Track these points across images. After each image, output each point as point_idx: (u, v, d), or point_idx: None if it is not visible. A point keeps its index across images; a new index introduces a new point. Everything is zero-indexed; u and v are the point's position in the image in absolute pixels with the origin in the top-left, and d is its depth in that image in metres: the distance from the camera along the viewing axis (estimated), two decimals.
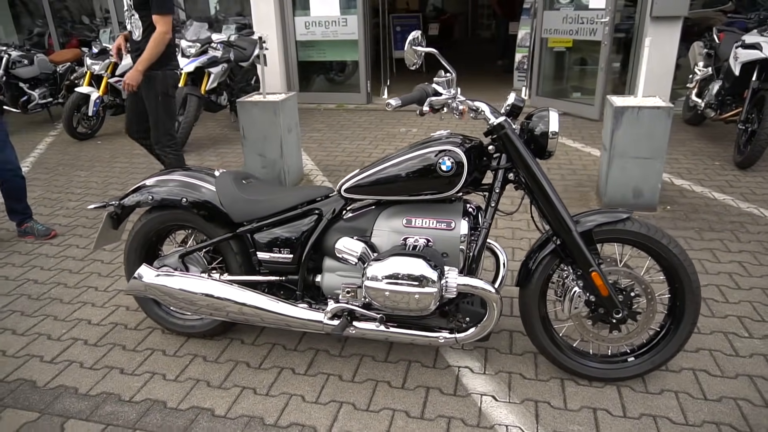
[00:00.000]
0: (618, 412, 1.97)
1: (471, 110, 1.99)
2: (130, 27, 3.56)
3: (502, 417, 1.97)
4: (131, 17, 3.52)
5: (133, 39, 3.55)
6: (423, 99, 1.85)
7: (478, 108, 1.97)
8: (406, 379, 2.18)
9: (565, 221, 1.94)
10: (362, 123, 6.36)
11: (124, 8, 3.57)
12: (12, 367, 2.32)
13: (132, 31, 3.54)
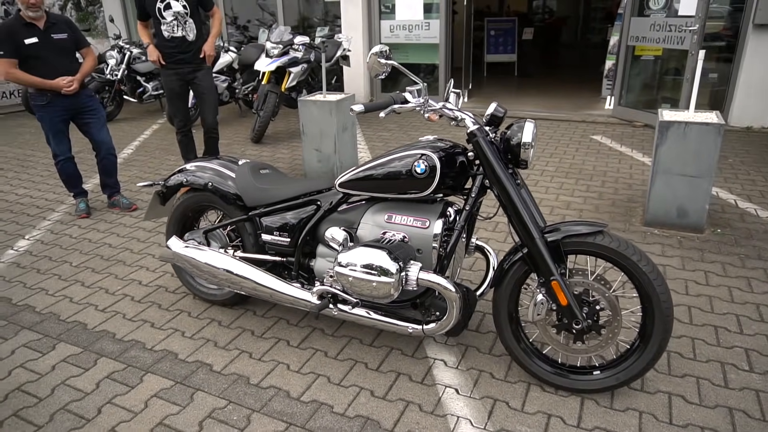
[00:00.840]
0: (572, 422, 2.00)
1: (451, 119, 2.12)
2: (181, 32, 4.26)
3: (456, 409, 2.08)
4: (185, 23, 4.22)
5: (188, 41, 4.29)
6: (387, 106, 2.02)
7: (457, 117, 2.09)
8: (383, 363, 2.36)
9: (529, 230, 2.01)
10: (433, 125, 6.52)
11: (169, 19, 4.22)
12: (73, 312, 2.83)
13: (185, 35, 4.28)
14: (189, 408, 2.12)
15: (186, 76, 4.40)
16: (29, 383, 2.29)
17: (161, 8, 4.20)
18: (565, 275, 2.02)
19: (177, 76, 4.38)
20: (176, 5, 4.21)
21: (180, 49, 4.30)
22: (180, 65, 4.35)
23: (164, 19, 4.23)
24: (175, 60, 4.33)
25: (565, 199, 4.09)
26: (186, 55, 4.33)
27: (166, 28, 4.25)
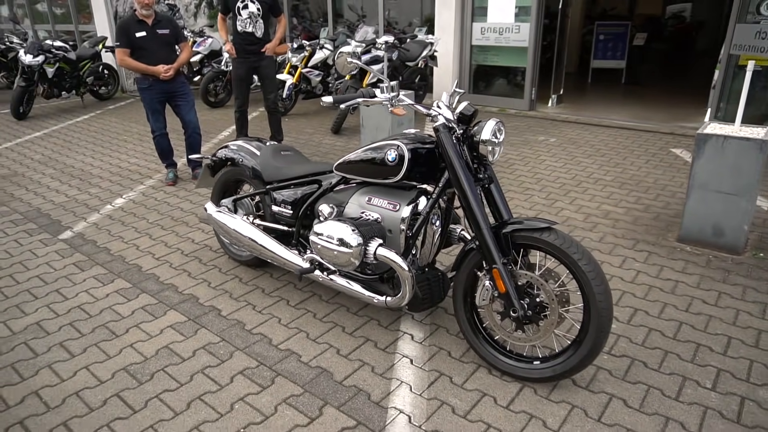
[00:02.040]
0: (502, 403, 2.14)
1: (427, 115, 2.33)
2: (251, 29, 4.97)
3: (403, 375, 2.31)
4: (256, 22, 4.95)
5: (256, 36, 5.02)
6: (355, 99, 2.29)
7: (430, 114, 2.30)
8: (358, 329, 2.64)
9: (477, 220, 2.16)
10: (509, 128, 6.52)
11: (244, 17, 4.93)
12: (135, 257, 3.46)
13: (255, 31, 5.00)
14: (191, 339, 2.58)
15: (252, 64, 5.15)
16: (87, 304, 2.91)
17: (240, 7, 4.90)
18: (508, 265, 2.15)
19: (245, 64, 5.12)
20: (252, 7, 4.87)
21: (249, 41, 5.04)
22: (248, 55, 5.09)
23: (241, 16, 4.94)
24: (244, 51, 5.07)
25: (606, 209, 4.01)
26: (253, 47, 5.06)
27: (241, 24, 4.96)
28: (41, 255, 3.50)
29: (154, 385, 2.28)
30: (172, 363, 2.42)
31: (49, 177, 5.09)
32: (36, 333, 2.66)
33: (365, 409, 2.12)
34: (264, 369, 2.37)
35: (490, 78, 7.96)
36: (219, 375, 2.33)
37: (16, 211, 4.26)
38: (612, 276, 3.07)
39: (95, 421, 2.09)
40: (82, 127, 7.13)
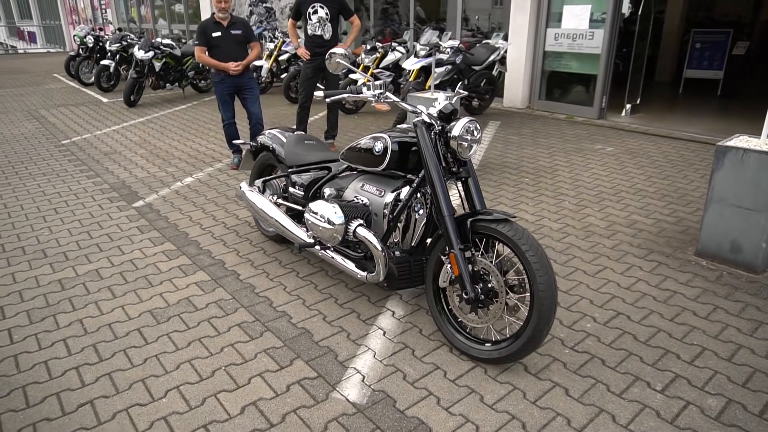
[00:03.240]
0: (451, 377, 2.33)
1: (413, 112, 2.57)
2: (320, 32, 5.38)
3: (372, 343, 2.57)
4: (324, 26, 5.34)
5: (324, 39, 5.41)
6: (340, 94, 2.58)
7: (416, 111, 2.54)
8: (349, 302, 2.94)
9: (441, 209, 2.37)
10: (569, 135, 6.48)
11: (314, 20, 5.35)
12: (187, 225, 4.01)
13: (323, 34, 5.40)
14: (208, 294, 3.03)
15: (320, 65, 5.51)
16: (137, 259, 3.48)
17: (310, 12, 5.33)
18: (465, 251, 2.33)
19: (312, 64, 5.54)
20: (321, 12, 5.29)
21: (317, 44, 5.45)
22: (316, 56, 5.48)
23: (311, 20, 5.37)
24: (313, 52, 5.50)
25: (634, 219, 3.96)
26: (321, 49, 5.38)
27: (310, 28, 5.41)
28: (114, 218, 4.17)
29: (167, 327, 2.73)
30: (187, 311, 2.87)
31: (139, 156, 5.90)
32: (93, 277, 3.25)
33: (328, 365, 2.42)
34: (258, 324, 2.74)
35: (561, 84, 7.86)
36: (220, 324, 2.75)
37: (107, 182, 5.04)
38: (608, 281, 3.10)
39: (116, 346, 2.57)
40: (178, 116, 8.06)
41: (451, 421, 2.08)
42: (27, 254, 3.56)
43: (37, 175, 5.27)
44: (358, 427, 2.06)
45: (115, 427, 2.07)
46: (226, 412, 2.15)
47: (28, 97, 10.10)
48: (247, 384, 2.31)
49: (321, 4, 5.37)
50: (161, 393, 2.26)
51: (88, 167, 5.51)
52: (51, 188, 4.87)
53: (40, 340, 2.63)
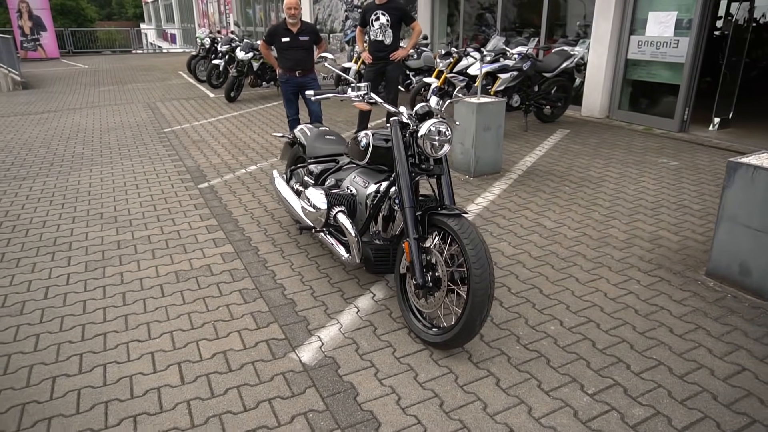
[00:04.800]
0: (398, 354, 2.55)
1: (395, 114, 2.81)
2: (381, 37, 5.72)
3: (343, 318, 2.85)
4: (385, 32, 5.66)
5: (385, 44, 5.74)
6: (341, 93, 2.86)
7: (398, 111, 2.78)
8: (340, 282, 3.24)
9: (402, 199, 2.58)
10: (636, 147, 6.21)
11: (376, 27, 5.67)
12: (234, 206, 4.56)
13: (383, 40, 5.73)
14: (227, 263, 3.49)
15: (380, 69, 5.88)
16: (183, 230, 4.06)
17: (373, 19, 5.71)
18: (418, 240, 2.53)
19: (373, 68, 5.90)
20: (383, 18, 5.66)
21: (378, 48, 5.85)
22: (377, 60, 5.88)
23: (373, 27, 5.74)
24: (374, 56, 5.89)
25: (660, 234, 3.82)
26: (381, 53, 5.84)
27: (372, 33, 5.79)
28: (179, 195, 4.84)
29: (183, 285, 3.23)
30: (203, 275, 3.36)
31: (220, 145, 6.66)
32: (144, 241, 3.88)
33: (297, 331, 2.74)
34: (255, 292, 3.14)
35: (642, 94, 7.48)
36: (225, 288, 3.19)
37: (185, 165, 5.80)
38: (596, 290, 3.09)
39: (139, 296, 3.11)
40: (267, 111, 8.86)
41: (378, 390, 2.31)
42: (102, 219, 4.30)
43: (134, 156, 6.19)
44: (298, 382, 2.36)
45: (114, 354, 2.57)
46: (199, 355, 2.56)
47: (152, 90, 11.61)
48: (225, 336, 2.71)
49: (383, 12, 5.72)
50: (157, 335, 2.73)
51: (176, 152, 6.35)
52: (140, 167, 5.73)
53: (86, 285, 3.26)
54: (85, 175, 5.48)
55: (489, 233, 3.90)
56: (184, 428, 2.11)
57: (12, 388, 2.35)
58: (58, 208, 4.54)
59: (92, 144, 6.88)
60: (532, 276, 3.27)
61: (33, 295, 3.13)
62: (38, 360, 2.54)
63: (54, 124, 8.21)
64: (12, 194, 4.94)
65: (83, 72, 15.81)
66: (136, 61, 19.45)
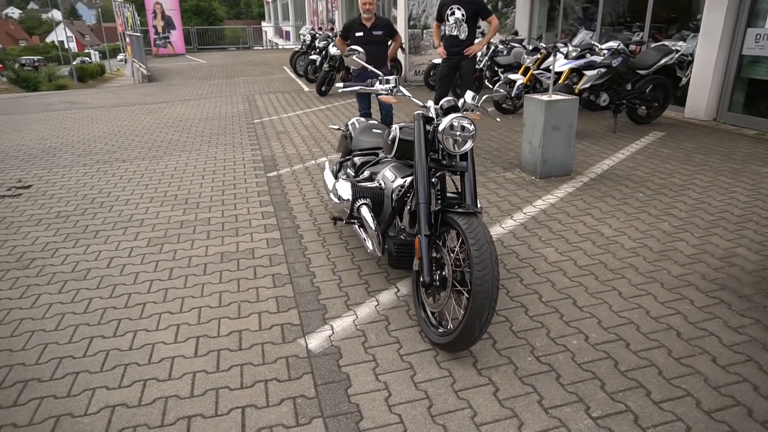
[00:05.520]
0: (403, 351, 2.51)
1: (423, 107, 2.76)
2: (455, 32, 5.60)
3: (360, 311, 2.86)
4: (460, 27, 5.53)
5: (459, 39, 5.61)
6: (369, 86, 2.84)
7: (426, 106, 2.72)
8: (369, 275, 3.24)
9: (417, 194, 2.52)
10: (739, 154, 5.53)
11: (451, 22, 5.56)
12: (294, 194, 4.74)
13: (458, 35, 5.60)
14: (269, 248, 3.65)
15: (454, 64, 5.79)
16: (240, 214, 4.31)
17: (448, 14, 5.61)
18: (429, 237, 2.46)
19: (447, 63, 5.81)
20: (458, 13, 5.54)
21: (453, 44, 5.74)
22: (451, 56, 5.77)
23: (448, 22, 5.65)
24: (448, 51, 5.77)
25: (738, 252, 3.37)
26: (456, 48, 5.73)
27: (447, 28, 5.69)
28: (248, 182, 5.13)
29: (224, 266, 3.43)
30: (245, 258, 3.54)
31: (299, 136, 6.95)
32: (204, 222, 4.17)
33: (313, 318, 2.80)
34: (287, 277, 3.26)
35: (757, 95, 6.61)
36: (261, 272, 3.34)
37: (262, 154, 6.13)
38: (639, 306, 2.81)
39: (183, 272, 3.36)
40: (353, 106, 9.06)
41: (371, 384, 2.30)
42: (175, 200, 4.69)
43: (220, 144, 6.65)
44: (297, 367, 2.42)
45: (146, 323, 2.80)
46: (218, 332, 2.71)
47: (255, 84, 12.37)
48: (246, 317, 2.84)
49: (458, 6, 5.60)
50: (187, 309, 2.94)
51: (257, 142, 6.73)
52: (222, 155, 6.15)
53: (143, 258, 3.58)
54: (173, 160, 5.99)
55: (538, 237, 3.70)
56: (183, 397, 2.26)
57: (57, 342, 2.66)
58: (141, 189, 5.02)
59: (188, 132, 7.50)
60: (570, 285, 3.05)
61: (98, 264, 3.51)
62: (84, 321, 2.84)
63: (163, 114, 9.07)
64: (110, 174, 5.54)
65: (200, 67, 17.26)
66: (250, 57, 20.84)
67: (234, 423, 2.11)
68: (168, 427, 2.10)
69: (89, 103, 10.98)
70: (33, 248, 3.78)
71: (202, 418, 2.14)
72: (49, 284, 3.25)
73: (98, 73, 35.62)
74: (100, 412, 2.18)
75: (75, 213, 4.44)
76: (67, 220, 4.28)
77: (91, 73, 32.83)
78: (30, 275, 3.37)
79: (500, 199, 4.46)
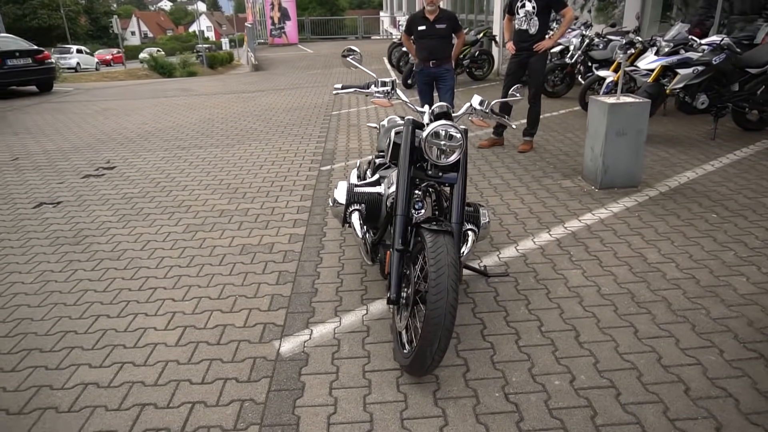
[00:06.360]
0: (369, 367, 2.41)
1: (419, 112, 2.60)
2: (525, 26, 5.21)
3: (346, 318, 2.80)
4: (530, 20, 5.16)
5: (529, 33, 5.26)
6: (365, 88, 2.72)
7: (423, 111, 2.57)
8: (369, 281, 3.16)
9: (396, 205, 2.38)
10: None
11: (521, 15, 5.17)
12: None
13: (528, 29, 5.23)
14: (289, 244, 3.71)
15: (523, 60, 5.41)
16: (273, 221, 4.41)
17: (518, 6, 5.25)
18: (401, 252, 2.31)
19: (516, 59, 5.45)
20: (528, 6, 5.16)
21: (522, 38, 5.36)
22: (520, 51, 5.41)
23: (518, 15, 5.28)
24: (518, 47, 5.40)
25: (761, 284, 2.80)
26: (525, 44, 5.34)
27: (517, 22, 5.33)
28: (299, 176, 5.24)
29: (240, 258, 3.53)
30: (262, 251, 3.62)
31: (365, 131, 6.95)
32: (242, 213, 4.33)
33: (297, 321, 2.79)
34: (291, 275, 3.28)
35: None
36: (270, 267, 3.39)
37: (324, 147, 6.22)
38: (652, 350, 2.44)
39: (203, 260, 3.51)
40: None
41: (321, 398, 2.23)
42: (227, 189, 4.93)
43: (290, 135, 6.88)
44: (261, 369, 2.43)
45: (149, 307, 2.98)
46: (205, 324, 2.80)
47: (350, 74, 12.60)
48: (237, 312, 2.91)
49: None
50: (189, 297, 3.07)
51: (326, 134, 6.85)
52: (287, 146, 6.35)
53: (175, 244, 3.80)
54: (241, 150, 6.30)
55: (568, 256, 3.35)
56: (148, 384, 2.36)
57: (69, 317, 2.92)
58: (202, 176, 5.34)
59: (269, 122, 7.84)
60: (581, 316, 2.73)
61: (134, 246, 3.79)
62: (100, 299, 3.09)
63: (254, 103, 9.58)
64: (182, 160, 5.97)
65: (306, 56, 17.98)
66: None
67: (179, 417, 2.17)
68: (123, 411, 2.21)
69: (196, 90, 11.93)
70: (90, 226, 4.18)
71: (154, 408, 2.22)
72: (88, 261, 3.58)
73: (227, 60, 38.58)
74: (75, 388, 2.36)
75: (137, 195, 4.84)
76: (129, 202, 4.68)
77: (221, 60, 35.61)
78: (76, 251, 3.74)
79: (545, 209, 4.12)
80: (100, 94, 12.44)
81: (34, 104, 10.79)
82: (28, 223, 4.29)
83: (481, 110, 2.76)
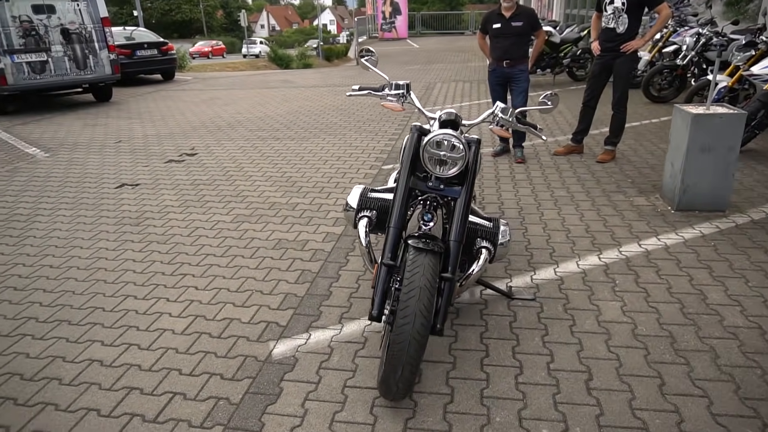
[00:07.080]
0: (351, 382, 2.32)
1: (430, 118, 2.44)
2: (613, 24, 4.76)
3: (348, 327, 2.72)
4: (619, 18, 4.71)
5: (617, 32, 4.78)
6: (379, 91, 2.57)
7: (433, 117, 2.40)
8: None
9: (391, 216, 2.24)
10: None
11: (608, 12, 4.74)
12: None
13: (615, 27, 4.77)
14: (320, 243, 3.70)
15: (607, 61, 4.93)
16: (315, 217, 4.43)
17: (606, 3, 4.77)
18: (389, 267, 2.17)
19: (600, 60, 4.98)
20: (617, 2, 4.66)
21: (608, 38, 4.87)
22: (605, 52, 4.93)
23: (606, 12, 4.81)
24: (603, 47, 4.93)
25: None
26: (611, 44, 4.85)
27: (604, 20, 4.87)
28: (359, 172, 5.22)
29: (271, 253, 3.58)
30: (294, 248, 3.64)
31: None
32: (288, 208, 4.40)
33: (299, 324, 2.76)
34: (311, 275, 3.26)
35: None
36: (295, 265, 3.40)
37: (395, 145, 6.15)
38: (674, 410, 2.08)
39: (235, 252, 3.62)
40: None
41: (292, 408, 2.18)
42: (286, 182, 5.04)
43: (364, 131, 6.88)
44: (247, 369, 2.43)
45: (173, 292, 3.12)
46: (214, 316, 2.87)
47: (446, 71, 12.38)
48: (247, 307, 2.95)
49: None
50: (210, 287, 3.17)
51: (400, 132, 6.77)
52: (358, 142, 6.35)
53: (218, 233, 3.95)
54: (314, 143, 6.43)
55: (612, 286, 2.98)
56: (144, 369, 2.47)
57: (103, 294, 3.15)
58: (268, 167, 5.52)
59: (349, 116, 7.93)
60: (602, 357, 2.41)
61: (182, 231, 4.00)
62: (134, 280, 3.30)
63: (342, 97, 9.74)
64: (257, 151, 6.22)
65: (410, 51, 17.96)
66: (461, 43, 20.87)
67: (157, 405, 2.23)
68: (112, 392, 2.33)
69: (296, 82, 12.42)
70: (153, 209, 4.50)
71: (139, 393, 2.31)
72: (139, 242, 3.85)
73: (343, 53, 39.82)
74: (82, 363, 2.53)
75: (205, 182, 5.12)
76: (195, 188, 4.97)
77: (337, 53, 36.82)
78: (133, 232, 4.03)
79: (604, 229, 3.70)
80: (213, 83, 13.41)
81: (153, 92, 11.90)
82: (106, 202, 4.71)
83: (505, 119, 2.53)
